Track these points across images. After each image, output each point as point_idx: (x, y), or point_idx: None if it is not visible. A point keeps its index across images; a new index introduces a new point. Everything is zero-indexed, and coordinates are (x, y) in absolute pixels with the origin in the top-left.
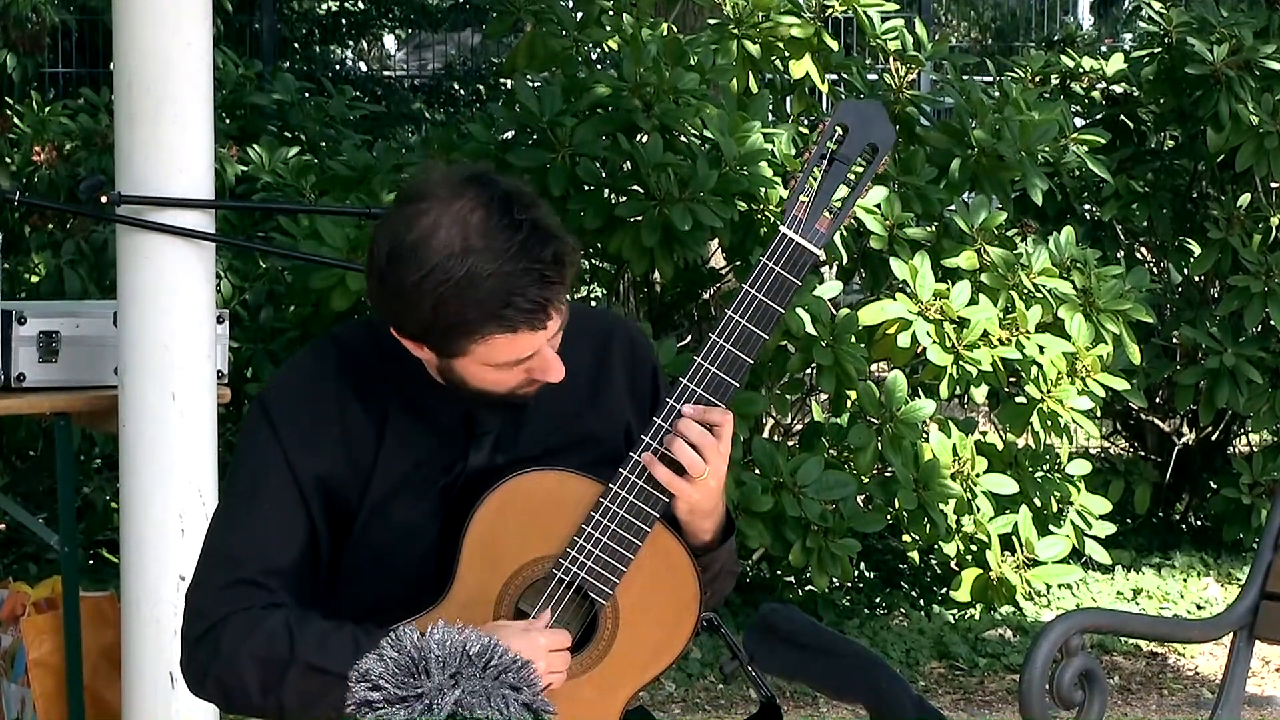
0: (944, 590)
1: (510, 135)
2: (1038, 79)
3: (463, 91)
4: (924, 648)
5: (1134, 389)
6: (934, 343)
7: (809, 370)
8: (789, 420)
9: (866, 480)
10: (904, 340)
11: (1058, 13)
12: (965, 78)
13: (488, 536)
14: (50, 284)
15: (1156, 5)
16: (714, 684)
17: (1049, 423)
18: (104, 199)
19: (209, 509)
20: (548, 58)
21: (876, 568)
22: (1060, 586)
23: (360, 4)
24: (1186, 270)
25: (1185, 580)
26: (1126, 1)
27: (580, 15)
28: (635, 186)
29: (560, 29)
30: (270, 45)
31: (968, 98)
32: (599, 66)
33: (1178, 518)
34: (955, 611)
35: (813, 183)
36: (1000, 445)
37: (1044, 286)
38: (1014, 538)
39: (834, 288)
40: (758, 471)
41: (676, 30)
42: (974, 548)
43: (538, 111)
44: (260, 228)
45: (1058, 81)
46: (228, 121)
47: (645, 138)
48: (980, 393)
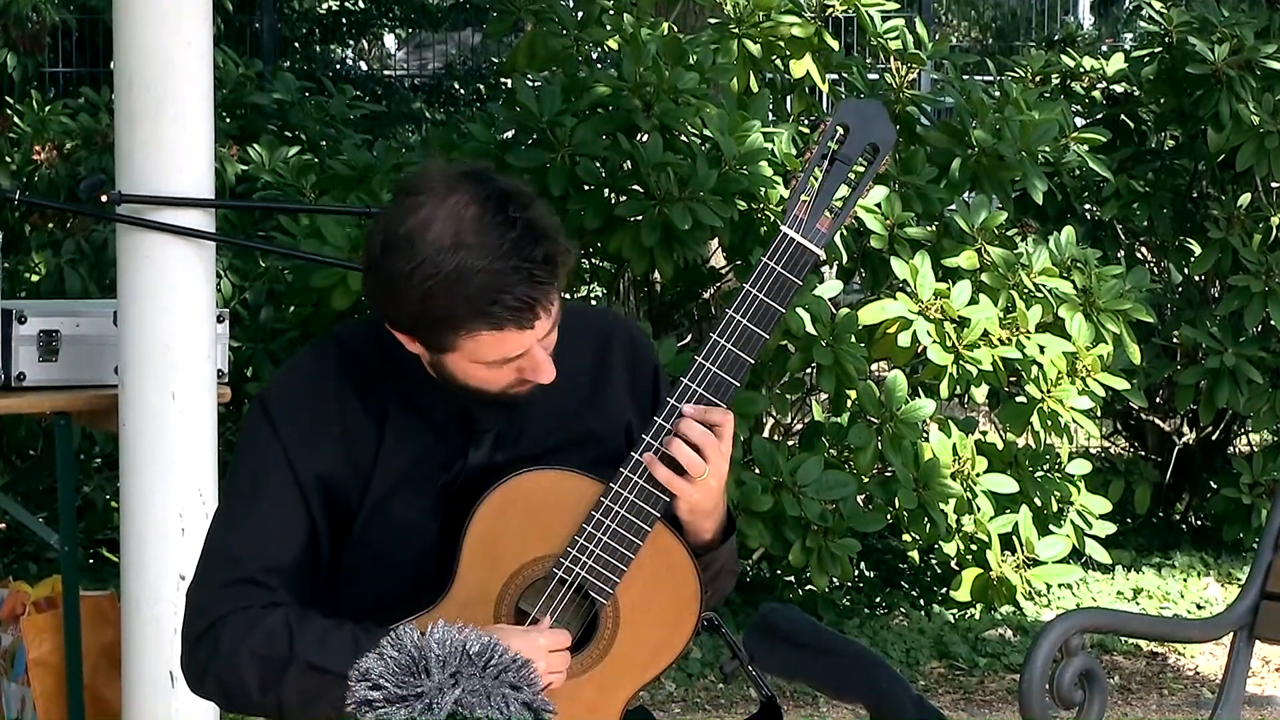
0: (944, 590)
1: (510, 135)
2: (1038, 79)
3: (463, 91)
4: (924, 647)
5: (1134, 389)
6: (934, 342)
7: (809, 370)
8: (789, 420)
9: (866, 480)
10: (904, 340)
11: (1058, 12)
12: (966, 77)
13: (488, 535)
14: (50, 283)
15: (1157, 5)
16: (714, 683)
17: (1049, 422)
18: (104, 198)
19: (209, 508)
20: (548, 57)
21: (876, 567)
22: (1060, 586)
23: (360, 3)
24: (1187, 270)
25: (1185, 580)
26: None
27: (580, 15)
28: (635, 186)
29: (560, 28)
30: (270, 44)
31: (968, 97)
32: (599, 66)
33: (1178, 517)
34: (955, 611)
35: (814, 182)
36: (1000, 445)
37: (1044, 286)
38: (1014, 537)
39: (834, 287)
40: (758, 471)
41: (677, 30)
42: (974, 547)
43: (537, 111)
44: (260, 227)
45: (1058, 81)
46: (228, 121)
47: (645, 137)
48: (980, 392)
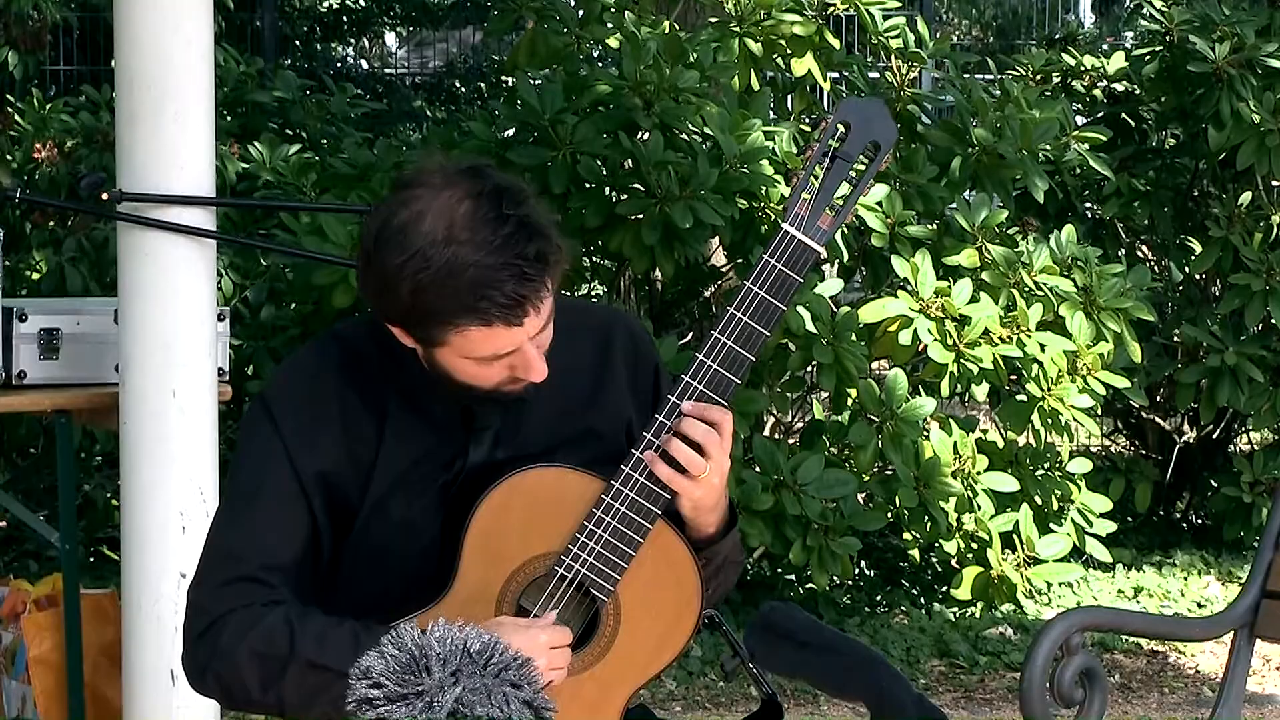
0: (945, 588)
1: (511, 133)
2: (1039, 77)
3: (464, 89)
4: (924, 646)
5: (1135, 387)
6: (935, 340)
7: (809, 368)
8: (790, 418)
9: (867, 478)
10: (905, 338)
11: (1059, 11)
12: (966, 76)
13: (489, 533)
14: (51, 281)
15: (1158, 3)
16: (715, 682)
17: (1050, 421)
18: (105, 196)
19: (210, 506)
20: (549, 55)
21: (877, 566)
22: (1061, 585)
23: (361, 1)
24: (1187, 268)
25: (1186, 579)
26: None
27: (581, 13)
28: (636, 184)
29: (561, 27)
30: (271, 42)
31: (969, 96)
32: (600, 64)
33: (1178, 516)
34: (956, 610)
35: (815, 180)
36: (1001, 443)
37: (1045, 284)
38: (1015, 536)
39: (835, 285)
40: (758, 469)
41: (678, 28)
42: (974, 546)
43: (539, 108)
44: (261, 225)
45: (1059, 80)
46: (229, 119)
47: (646, 136)
48: (981, 391)
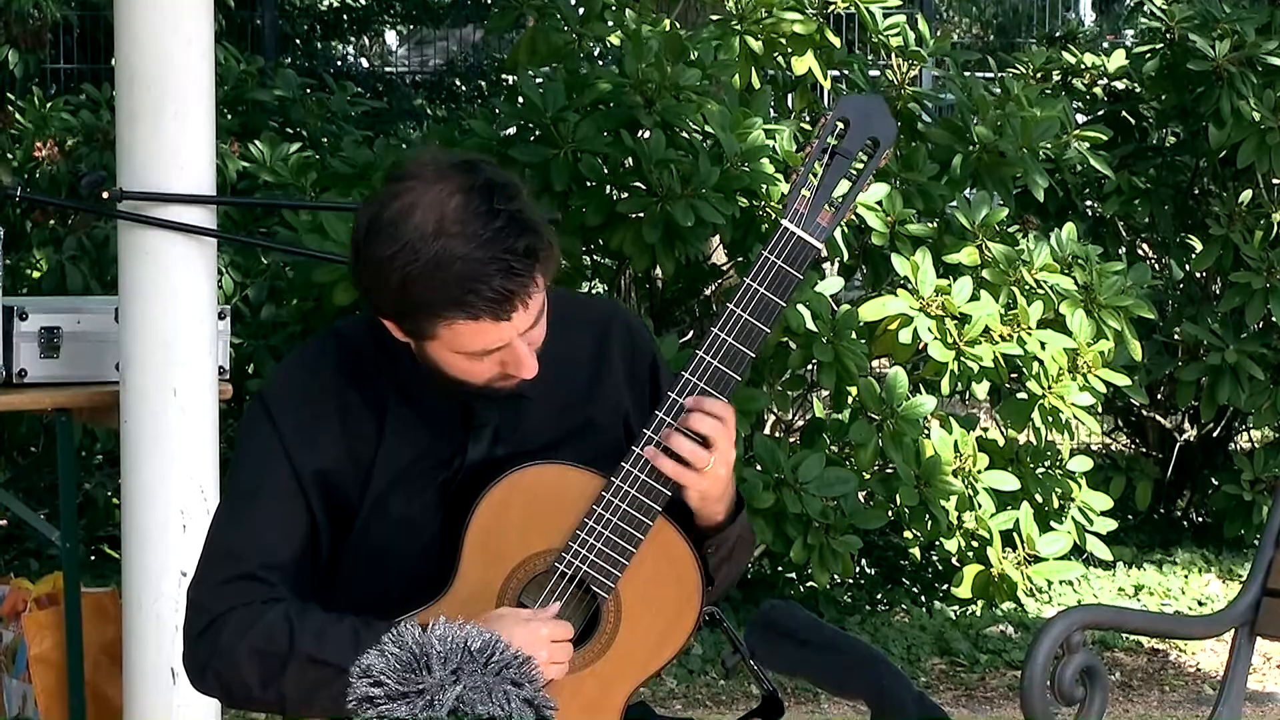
0: (945, 586)
1: (512, 131)
2: (1039, 75)
3: (464, 88)
4: (925, 644)
5: (1135, 385)
6: (935, 339)
7: (810, 367)
8: (790, 417)
9: (868, 477)
10: (905, 336)
11: (1059, 9)
12: (967, 74)
13: (490, 530)
14: (52, 280)
15: (1158, 1)
16: (715, 680)
17: (1050, 419)
18: (105, 195)
19: (210, 505)
20: (550, 53)
21: (878, 564)
22: (1061, 583)
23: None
24: (1188, 266)
25: (1186, 577)
26: None
27: (582, 11)
28: (637, 183)
29: (562, 24)
30: (272, 41)
31: (969, 94)
32: (601, 62)
33: (1179, 514)
34: (956, 608)
35: (814, 177)
36: (1001, 441)
37: (1045, 282)
38: (1015, 534)
39: (835, 284)
40: (759, 468)
41: (679, 26)
42: (975, 544)
43: (541, 106)
44: (262, 224)
45: (1059, 78)
46: (229, 117)
47: (647, 134)
48: (981, 389)
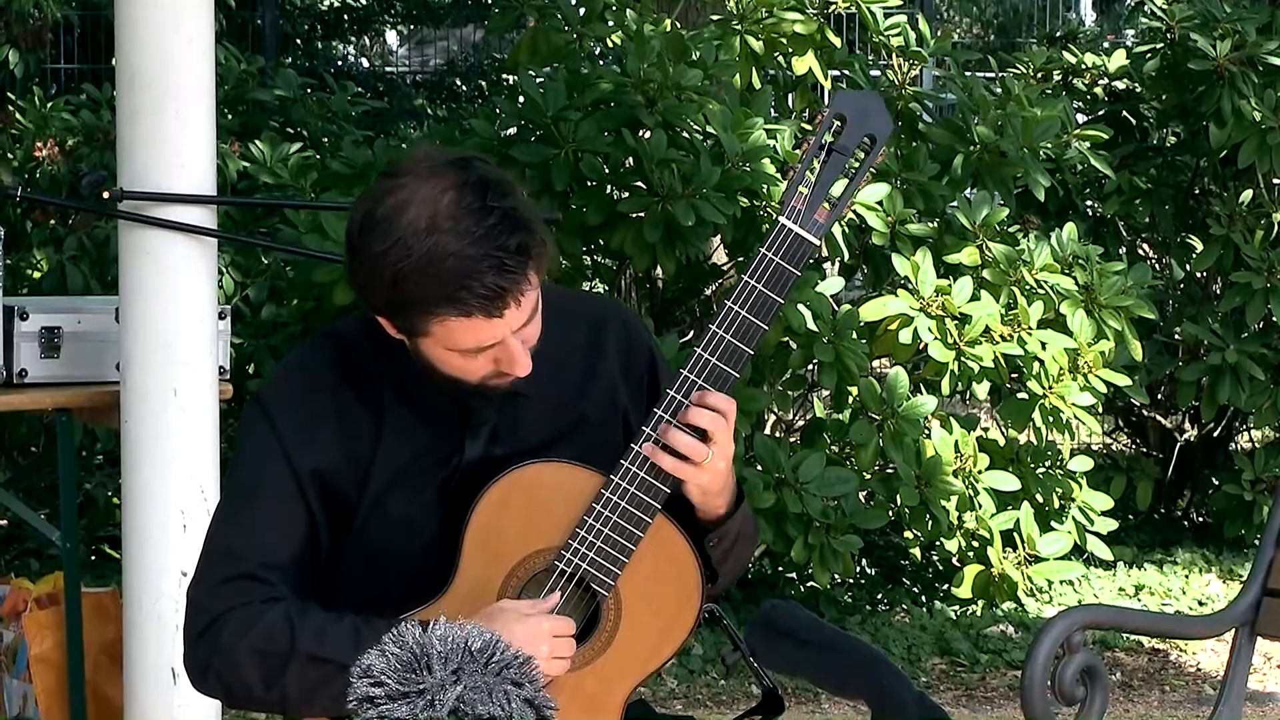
0: (946, 586)
1: (513, 131)
2: (1040, 75)
3: (465, 87)
4: (926, 644)
5: (1136, 385)
6: (936, 339)
7: (811, 367)
8: (791, 417)
9: (868, 477)
10: (905, 336)
11: (1060, 9)
12: (968, 74)
13: (489, 529)
14: (52, 280)
15: (1159, 1)
16: (716, 680)
17: (1051, 419)
18: (106, 195)
19: (210, 505)
20: (550, 53)
21: (878, 564)
22: (1062, 583)
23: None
24: (1188, 266)
25: (1187, 576)
26: None
27: (583, 11)
28: (638, 182)
29: (563, 24)
30: (272, 41)
31: (970, 94)
32: (602, 62)
33: (1179, 514)
34: (957, 608)
35: (811, 174)
36: (1002, 441)
37: (1046, 282)
38: (1015, 534)
39: (836, 284)
40: (760, 468)
41: (680, 26)
42: (976, 544)
43: (542, 106)
44: (263, 223)
45: (1060, 78)
46: (230, 117)
47: (648, 134)
48: (982, 389)
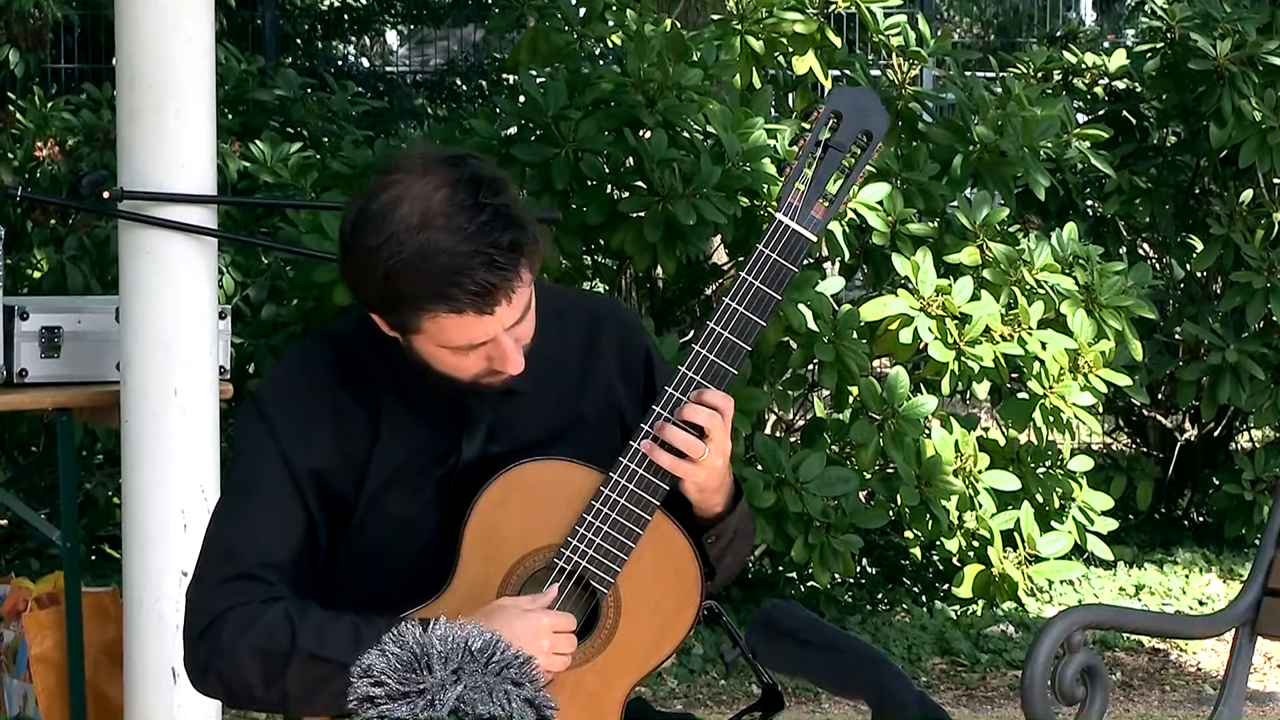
0: (946, 586)
1: (513, 130)
2: (1040, 75)
3: (465, 87)
4: (926, 644)
5: (1136, 385)
6: (936, 339)
7: (811, 366)
8: (791, 416)
9: (868, 476)
10: (906, 336)
11: (1060, 9)
12: (968, 74)
13: (488, 527)
14: (52, 280)
15: (1159, 1)
16: (716, 679)
17: (1051, 419)
18: (106, 194)
19: (210, 504)
20: (551, 53)
21: (878, 564)
22: (1062, 583)
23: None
24: (1189, 266)
25: (1187, 576)
26: None
27: (584, 11)
28: (639, 182)
29: (563, 24)
30: (272, 40)
31: (970, 94)
32: (602, 62)
33: (1180, 514)
34: (957, 607)
35: (808, 171)
36: (1002, 441)
37: (1046, 282)
38: (1016, 534)
39: (836, 284)
40: (760, 467)
41: (680, 26)
42: (976, 544)
43: (542, 105)
44: (263, 223)
45: (1060, 77)
46: (230, 117)
47: (649, 133)
48: (982, 389)
